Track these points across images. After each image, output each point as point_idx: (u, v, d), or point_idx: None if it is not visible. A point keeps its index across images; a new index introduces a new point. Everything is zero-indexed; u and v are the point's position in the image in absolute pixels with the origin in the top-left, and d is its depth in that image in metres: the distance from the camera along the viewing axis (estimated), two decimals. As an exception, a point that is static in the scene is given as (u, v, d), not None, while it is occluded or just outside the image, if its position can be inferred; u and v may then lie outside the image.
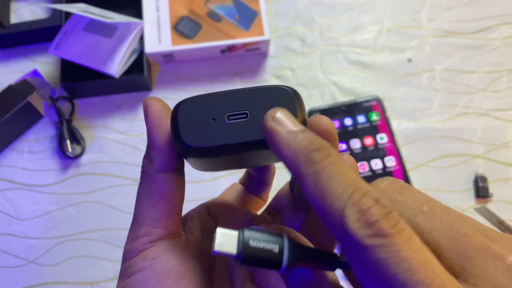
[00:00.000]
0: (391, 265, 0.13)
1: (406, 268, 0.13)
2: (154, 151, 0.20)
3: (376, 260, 0.13)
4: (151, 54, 0.55)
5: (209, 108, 0.19)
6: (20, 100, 0.52)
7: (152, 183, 0.20)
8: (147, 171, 0.20)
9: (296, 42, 0.59)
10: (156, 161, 0.20)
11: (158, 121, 0.20)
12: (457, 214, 0.16)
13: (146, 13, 0.56)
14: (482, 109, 0.55)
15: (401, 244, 0.13)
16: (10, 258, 0.49)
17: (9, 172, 0.53)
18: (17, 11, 0.61)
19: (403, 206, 0.16)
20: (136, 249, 0.19)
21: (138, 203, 0.21)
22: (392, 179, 0.18)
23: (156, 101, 0.20)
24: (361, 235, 0.14)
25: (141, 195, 0.20)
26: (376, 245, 0.14)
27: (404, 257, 0.13)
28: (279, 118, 0.17)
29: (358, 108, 0.54)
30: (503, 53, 0.58)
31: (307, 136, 0.16)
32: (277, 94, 0.19)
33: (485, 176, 0.51)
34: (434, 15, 0.60)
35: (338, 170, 0.15)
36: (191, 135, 0.19)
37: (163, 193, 0.20)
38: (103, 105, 0.56)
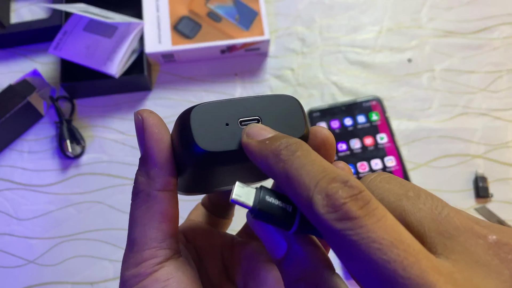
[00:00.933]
0: (362, 246, 0.13)
1: (377, 248, 0.13)
2: (155, 168, 0.19)
3: (348, 243, 0.13)
4: (151, 54, 0.55)
5: (222, 113, 0.19)
6: (20, 100, 0.52)
7: (153, 202, 0.19)
8: (146, 190, 0.19)
9: (296, 42, 0.59)
10: (157, 179, 0.19)
11: (158, 135, 0.19)
12: (441, 200, 0.16)
13: (146, 13, 0.56)
14: (482, 109, 0.55)
15: (370, 225, 0.13)
16: (10, 258, 0.49)
17: (9, 172, 0.53)
18: (17, 11, 0.61)
19: (390, 192, 0.17)
20: (142, 273, 0.18)
21: (136, 226, 0.19)
22: (382, 172, 0.18)
23: (152, 114, 0.19)
24: (330, 220, 0.14)
25: (139, 217, 0.19)
26: (345, 229, 0.14)
27: (374, 237, 0.13)
28: (251, 133, 0.18)
29: (358, 108, 0.54)
30: (503, 53, 0.58)
31: (276, 139, 0.17)
32: (285, 102, 0.20)
33: (485, 176, 0.51)
34: (434, 15, 0.60)
35: (305, 161, 0.16)
36: (206, 140, 0.18)
37: (166, 213, 0.19)
38: (103, 105, 0.56)
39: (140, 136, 0.19)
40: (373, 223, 0.14)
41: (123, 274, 0.19)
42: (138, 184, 0.19)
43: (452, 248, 0.14)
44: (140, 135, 0.19)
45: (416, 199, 0.16)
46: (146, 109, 0.20)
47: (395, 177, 0.18)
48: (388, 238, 0.13)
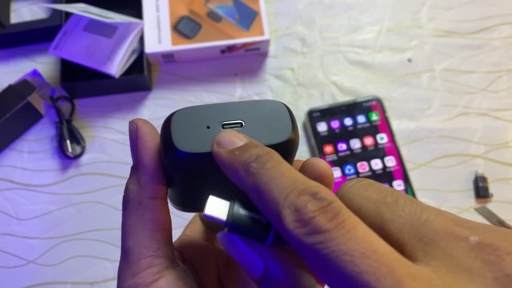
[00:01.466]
0: (334, 260, 0.13)
1: (349, 260, 0.13)
2: (146, 176, 0.19)
3: (320, 258, 0.13)
4: (151, 54, 0.55)
5: (204, 117, 0.19)
6: (20, 100, 0.52)
7: (145, 211, 0.19)
8: (136, 198, 0.19)
9: (296, 42, 0.59)
10: (147, 187, 0.19)
11: (150, 143, 0.19)
12: (420, 204, 0.16)
13: (146, 13, 0.56)
14: (482, 109, 0.55)
15: (340, 237, 0.13)
16: (10, 258, 0.49)
17: (9, 172, 0.53)
18: (17, 11, 0.61)
19: (368, 200, 0.16)
20: (141, 284, 0.18)
21: (129, 235, 0.19)
22: (361, 179, 0.18)
23: (146, 123, 0.20)
24: (299, 235, 0.14)
25: (131, 226, 0.19)
26: (315, 243, 0.13)
27: (345, 249, 0.13)
28: (221, 141, 0.17)
29: (358, 108, 0.54)
30: (503, 53, 0.58)
31: (246, 150, 0.16)
32: (272, 107, 0.19)
33: (485, 176, 0.51)
34: (434, 15, 0.60)
35: (275, 174, 0.15)
36: (185, 142, 0.18)
37: (158, 221, 0.19)
38: (103, 105, 0.56)
39: (133, 144, 0.19)
40: (343, 234, 0.13)
41: (120, 286, 0.18)
42: (128, 192, 0.19)
43: (432, 254, 0.14)
44: (133, 144, 0.19)
45: (394, 205, 0.16)
46: (140, 119, 0.20)
47: (374, 182, 0.17)
48: (359, 249, 0.13)
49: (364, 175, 0.51)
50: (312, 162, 0.19)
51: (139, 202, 0.19)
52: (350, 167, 0.51)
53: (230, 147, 0.17)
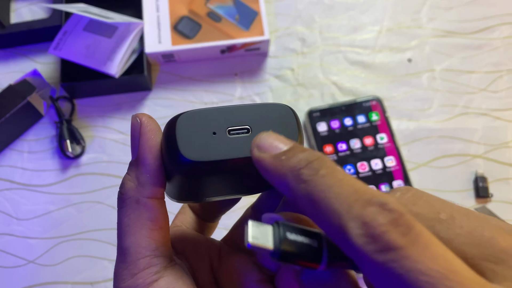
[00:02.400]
0: (409, 280, 0.12)
1: (426, 281, 0.12)
2: (146, 174, 0.18)
3: (392, 277, 0.12)
4: (151, 54, 0.55)
5: (209, 122, 0.18)
6: (20, 100, 0.52)
7: (143, 210, 0.18)
8: (135, 196, 0.18)
9: (296, 42, 0.59)
10: (147, 186, 0.18)
11: (154, 141, 0.18)
12: (478, 217, 0.14)
13: (146, 13, 0.56)
14: (482, 109, 0.55)
15: (417, 255, 0.12)
16: (10, 258, 0.49)
17: (9, 172, 0.53)
18: (17, 11, 0.61)
19: (419, 218, 0.14)
20: (140, 284, 0.18)
21: (126, 234, 0.18)
22: (405, 189, 0.16)
23: (150, 119, 0.19)
24: (369, 252, 0.12)
25: (129, 225, 0.18)
26: (388, 261, 0.12)
27: (423, 269, 0.12)
28: (263, 145, 0.16)
29: (358, 108, 0.54)
30: (503, 53, 0.58)
31: (293, 154, 0.15)
32: (278, 111, 0.19)
33: (485, 176, 0.51)
34: (434, 15, 0.60)
35: (332, 181, 0.14)
36: (191, 149, 0.17)
37: (156, 220, 0.18)
38: (103, 105, 0.56)
39: (135, 140, 0.18)
40: (419, 252, 0.12)
41: (118, 287, 0.18)
42: (126, 190, 0.18)
43: (503, 274, 0.13)
44: (135, 139, 0.18)
45: (450, 222, 0.14)
46: (145, 114, 0.19)
47: (420, 193, 0.16)
48: (438, 269, 0.12)
49: (364, 175, 0.51)
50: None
51: (137, 201, 0.18)
52: (350, 167, 0.51)
53: (273, 152, 0.16)
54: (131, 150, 0.19)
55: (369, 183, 0.51)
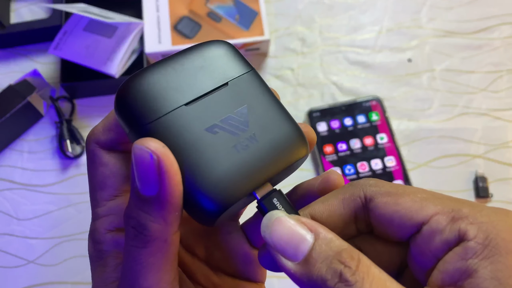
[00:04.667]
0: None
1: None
2: (176, 213, 0.17)
3: None
4: (151, 54, 0.55)
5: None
6: (20, 100, 0.52)
7: (170, 247, 0.17)
8: (163, 237, 0.17)
9: (296, 42, 0.59)
10: (174, 223, 0.17)
11: (178, 177, 0.16)
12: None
13: (146, 13, 0.56)
14: (482, 109, 0.55)
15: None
16: (10, 258, 0.49)
17: (9, 172, 0.53)
18: (17, 11, 0.61)
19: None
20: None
21: (149, 272, 0.17)
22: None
23: (166, 149, 0.16)
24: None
25: (153, 264, 0.17)
26: None
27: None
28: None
29: (358, 108, 0.54)
30: (503, 53, 0.58)
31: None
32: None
33: (485, 176, 0.51)
34: (434, 15, 0.60)
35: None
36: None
37: (177, 252, 0.18)
38: (103, 105, 0.56)
39: (153, 176, 0.16)
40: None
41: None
42: (152, 231, 0.17)
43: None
44: (152, 175, 0.16)
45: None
46: (156, 143, 0.16)
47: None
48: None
49: (364, 175, 0.51)
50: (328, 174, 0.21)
51: (165, 240, 0.17)
52: (350, 167, 0.51)
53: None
54: (143, 184, 0.16)
55: (369, 183, 0.51)
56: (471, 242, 0.15)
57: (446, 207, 0.16)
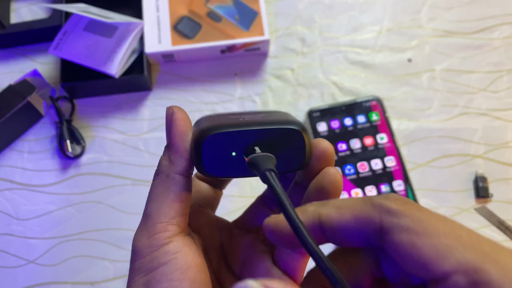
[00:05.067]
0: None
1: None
2: (176, 154, 0.22)
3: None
4: (151, 54, 0.55)
5: (229, 143, 0.21)
6: (20, 100, 0.52)
7: (170, 183, 0.21)
8: (166, 171, 0.22)
9: (296, 42, 0.59)
10: (176, 163, 0.22)
11: (183, 128, 0.22)
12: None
13: (146, 13, 0.56)
14: (482, 109, 0.55)
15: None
16: (10, 258, 0.49)
17: (9, 172, 0.53)
18: (17, 11, 0.61)
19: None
20: (155, 244, 0.21)
21: (152, 201, 0.22)
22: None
23: (181, 110, 0.22)
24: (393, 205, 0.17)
25: (156, 194, 0.22)
26: None
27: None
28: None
29: (358, 108, 0.54)
30: (503, 53, 0.58)
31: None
32: (289, 134, 0.21)
33: (485, 176, 0.51)
34: (434, 15, 0.60)
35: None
36: (212, 166, 0.21)
37: (179, 194, 0.22)
38: (103, 105, 0.56)
39: (168, 127, 0.22)
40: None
41: (135, 245, 0.21)
42: (160, 166, 0.22)
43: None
44: (168, 126, 0.22)
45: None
46: (176, 106, 0.23)
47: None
48: None
49: (364, 175, 0.51)
50: (315, 142, 0.22)
51: (167, 175, 0.22)
52: (350, 167, 0.51)
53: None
54: (166, 137, 0.22)
55: (369, 183, 0.51)
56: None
57: (469, 262, 0.15)
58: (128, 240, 0.49)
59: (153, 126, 0.55)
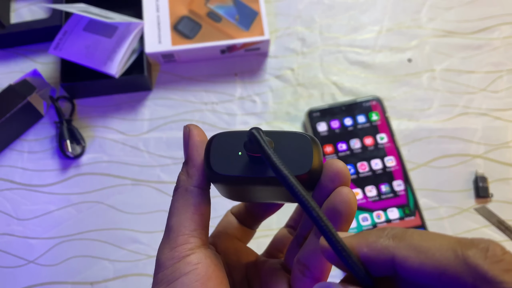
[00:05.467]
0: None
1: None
2: (193, 168, 0.23)
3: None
4: (151, 54, 0.55)
5: (237, 143, 0.22)
6: (20, 100, 0.52)
7: (189, 196, 0.22)
8: (185, 185, 0.23)
9: (296, 42, 0.59)
10: (194, 177, 0.23)
11: (199, 143, 0.23)
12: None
13: (146, 13, 0.56)
14: (482, 109, 0.55)
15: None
16: (10, 258, 0.49)
17: (9, 172, 0.53)
18: (17, 11, 0.61)
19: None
20: (177, 256, 0.21)
21: (173, 216, 0.22)
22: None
23: (197, 127, 0.24)
24: (494, 271, 0.13)
25: (177, 208, 0.22)
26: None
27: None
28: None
29: (358, 108, 0.54)
30: (503, 53, 0.58)
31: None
32: (298, 139, 0.22)
33: (485, 176, 0.51)
34: (434, 15, 0.60)
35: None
36: (219, 165, 0.22)
37: (199, 206, 0.22)
38: (103, 105, 0.56)
39: (186, 144, 0.23)
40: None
41: (159, 258, 0.22)
42: (179, 181, 0.23)
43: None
44: (185, 143, 0.23)
45: None
46: (193, 124, 0.24)
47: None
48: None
49: (364, 175, 0.51)
50: (329, 163, 0.21)
51: (186, 189, 0.23)
52: (350, 167, 0.51)
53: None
54: (184, 153, 0.24)
55: (369, 183, 0.51)
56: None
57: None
58: (128, 240, 0.49)
59: (153, 126, 0.55)
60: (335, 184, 0.20)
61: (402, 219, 0.49)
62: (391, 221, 0.49)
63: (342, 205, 0.20)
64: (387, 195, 0.50)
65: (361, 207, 0.50)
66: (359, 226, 0.49)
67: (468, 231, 0.50)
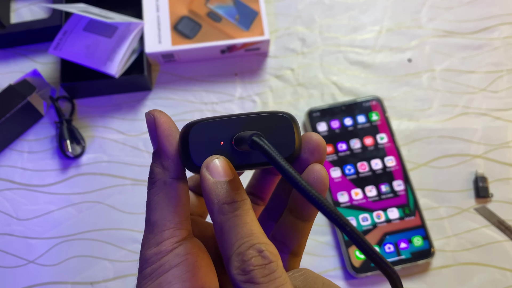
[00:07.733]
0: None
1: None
2: (167, 160, 0.22)
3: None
4: (151, 54, 0.55)
5: (217, 132, 0.21)
6: (20, 100, 0.52)
7: (169, 189, 0.22)
8: (162, 178, 0.22)
9: (296, 42, 0.59)
10: (170, 169, 0.22)
11: (168, 131, 0.22)
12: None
13: (146, 13, 0.56)
14: (482, 109, 0.55)
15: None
16: (10, 258, 0.49)
17: (9, 172, 0.53)
18: (17, 11, 0.61)
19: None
20: (163, 251, 0.21)
21: (154, 210, 0.22)
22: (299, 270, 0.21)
23: (162, 113, 0.22)
24: (239, 280, 0.18)
25: (157, 202, 0.22)
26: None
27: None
28: (212, 168, 0.20)
29: (358, 108, 0.54)
30: (503, 53, 0.58)
31: (226, 189, 0.20)
32: (279, 121, 0.21)
33: (485, 176, 0.51)
34: (434, 15, 0.60)
35: (238, 223, 0.19)
36: (200, 156, 0.21)
37: (180, 198, 0.22)
38: (103, 105, 0.56)
39: (153, 133, 0.22)
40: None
41: (143, 254, 0.21)
42: (154, 174, 0.22)
43: None
44: (152, 132, 0.22)
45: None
46: (156, 109, 0.22)
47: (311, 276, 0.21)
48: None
49: (364, 175, 0.51)
50: (307, 136, 0.22)
51: (164, 182, 0.22)
52: (350, 167, 0.51)
53: (217, 178, 0.20)
54: (152, 142, 0.22)
55: (369, 183, 0.51)
56: None
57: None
58: (128, 240, 0.49)
59: (153, 126, 0.55)
60: (315, 157, 0.22)
61: (402, 219, 0.49)
62: (391, 221, 0.49)
63: (316, 182, 0.21)
64: (387, 195, 0.50)
65: (361, 207, 0.50)
66: (359, 226, 0.49)
67: (468, 231, 0.50)
